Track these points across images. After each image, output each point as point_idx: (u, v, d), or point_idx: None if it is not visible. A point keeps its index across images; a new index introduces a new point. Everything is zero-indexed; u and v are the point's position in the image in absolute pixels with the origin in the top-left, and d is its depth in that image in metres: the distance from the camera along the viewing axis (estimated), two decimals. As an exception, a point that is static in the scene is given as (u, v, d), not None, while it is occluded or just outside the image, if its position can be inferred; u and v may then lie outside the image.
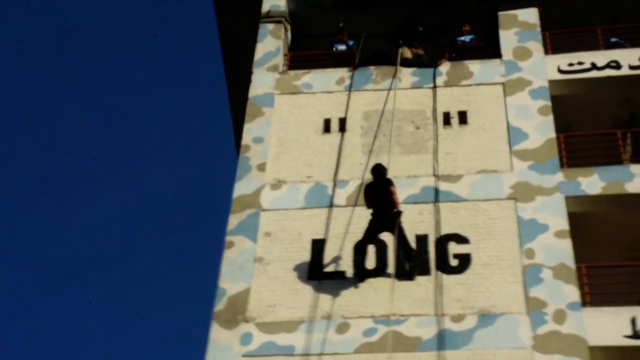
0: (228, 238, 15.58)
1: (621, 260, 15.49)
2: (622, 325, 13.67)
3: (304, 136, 17.12)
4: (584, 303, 14.12)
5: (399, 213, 14.45)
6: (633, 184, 15.41)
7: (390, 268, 14.74)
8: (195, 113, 43.75)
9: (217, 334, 14.27)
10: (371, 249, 14.91)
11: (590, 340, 13.56)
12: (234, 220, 15.81)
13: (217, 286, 14.91)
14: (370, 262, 14.85)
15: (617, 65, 17.45)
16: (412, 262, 14.55)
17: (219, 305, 14.64)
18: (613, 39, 18.03)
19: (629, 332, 13.61)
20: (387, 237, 14.84)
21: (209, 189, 42.60)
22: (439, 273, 14.71)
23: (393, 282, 14.35)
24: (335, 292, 14.69)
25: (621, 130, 16.67)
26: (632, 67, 17.39)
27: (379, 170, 14.85)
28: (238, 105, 18.89)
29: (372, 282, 14.57)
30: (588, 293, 14.31)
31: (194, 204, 42.63)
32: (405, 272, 14.58)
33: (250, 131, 17.18)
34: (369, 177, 16.08)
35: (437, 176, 16.06)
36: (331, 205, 15.91)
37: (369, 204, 14.76)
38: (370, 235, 14.69)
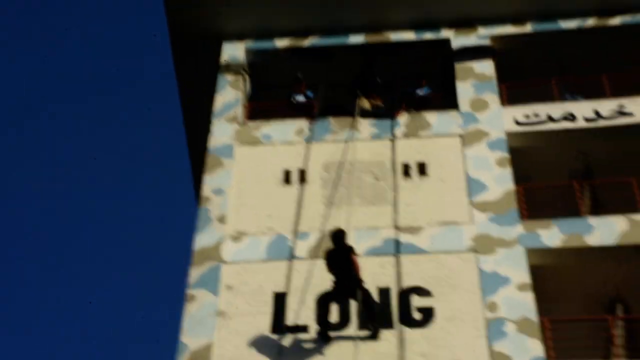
0: (189, 292, 15.37)
1: (583, 314, 15.58)
2: (586, 382, 13.75)
3: (265, 187, 17.04)
4: (548, 357, 14.16)
5: (361, 281, 14.13)
6: (592, 237, 15.57)
7: (353, 325, 14.62)
8: (155, 163, 43.40)
9: (180, 392, 14.05)
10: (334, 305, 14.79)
11: (555, 396, 13.61)
12: (195, 273, 15.62)
13: (178, 342, 14.68)
14: (334, 316, 14.74)
15: (573, 118, 17.70)
16: (375, 323, 14.37)
17: (181, 361, 14.42)
18: (568, 95, 18.28)
19: (593, 389, 13.70)
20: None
21: (169, 241, 42.20)
22: (403, 327, 14.65)
23: (356, 336, 14.21)
24: (298, 346, 14.55)
25: (578, 181, 16.86)
26: (587, 120, 17.65)
27: (338, 237, 14.42)
28: (197, 156, 18.74)
29: (335, 336, 14.45)
30: (552, 347, 14.35)
31: (154, 255, 42.15)
32: (370, 334, 14.37)
33: (210, 182, 17.04)
34: (329, 228, 16.08)
35: (397, 228, 16.05)
36: (293, 258, 15.80)
37: (330, 270, 14.41)
38: (330, 298, 14.42)
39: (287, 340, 14.65)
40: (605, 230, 15.60)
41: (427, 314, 14.84)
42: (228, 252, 15.96)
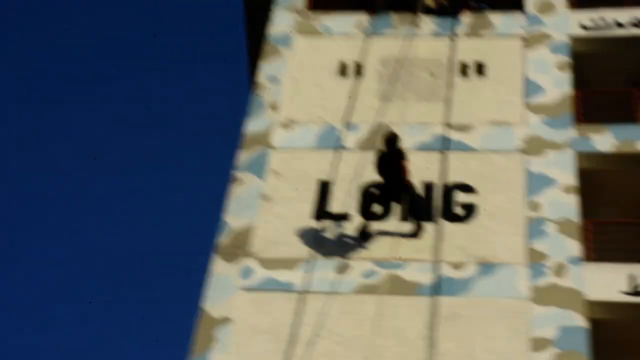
0: (236, 173, 15.67)
1: (626, 219, 15.41)
2: (620, 281, 13.66)
3: (320, 78, 17.11)
4: (585, 258, 14.10)
5: (408, 185, 14.19)
6: (644, 144, 15.32)
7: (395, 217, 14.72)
8: (212, 49, 43.59)
9: (218, 267, 14.41)
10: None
11: (588, 294, 13.57)
12: (242, 157, 15.88)
13: (220, 220, 15.04)
14: (377, 208, 14.85)
15: (640, 24, 17.25)
16: (420, 224, 14.44)
17: (222, 239, 14.77)
18: None
19: (627, 288, 13.60)
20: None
21: (221, 123, 42.58)
22: (444, 221, 14.73)
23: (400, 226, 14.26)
24: (337, 234, 14.76)
25: (637, 88, 16.50)
26: (655, 27, 17.18)
27: (391, 140, 14.33)
28: (255, 44, 18.85)
29: (375, 225, 14.60)
30: (590, 249, 14.28)
31: (204, 139, 42.63)
32: (412, 232, 14.48)
33: (265, 70, 17.19)
34: (381, 121, 16.16)
35: (449, 125, 16.01)
36: (341, 148, 15.93)
37: (379, 173, 14.43)
38: (378, 201, 14.61)
39: (328, 227, 14.88)
40: (658, 137, 15.33)
41: (469, 209, 14.87)
42: (277, 139, 16.16)
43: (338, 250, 14.48)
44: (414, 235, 14.45)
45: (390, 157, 14.29)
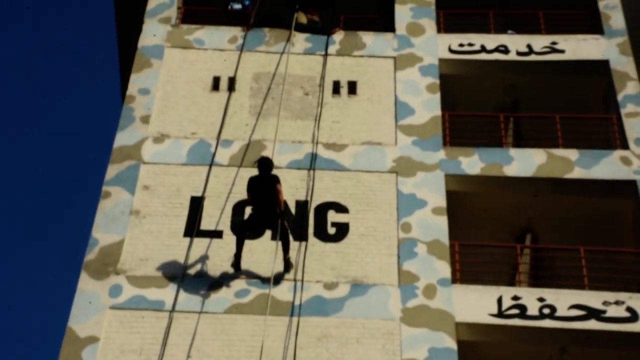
0: (105, 188, 15.28)
1: (494, 241, 15.81)
2: (489, 303, 13.98)
3: (192, 92, 16.89)
4: (455, 280, 14.38)
5: (282, 213, 13.80)
6: (511, 167, 15.73)
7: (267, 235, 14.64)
8: (84, 61, 42.60)
9: (86, 284, 14.01)
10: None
11: (457, 316, 13.82)
12: (112, 171, 15.51)
13: (89, 235, 14.63)
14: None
15: (506, 50, 17.72)
16: (289, 257, 14.12)
17: (90, 255, 14.38)
18: (509, 32, 18.25)
19: (495, 310, 13.93)
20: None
21: (90, 138, 41.59)
22: (316, 240, 14.75)
23: (277, 244, 14.09)
24: (210, 251, 14.58)
25: (504, 113, 16.98)
26: (519, 53, 17.67)
27: (265, 164, 13.99)
28: (127, 55, 18.45)
29: (248, 244, 14.45)
30: (459, 270, 14.58)
31: (74, 153, 41.57)
32: (283, 268, 14.12)
33: (136, 82, 16.84)
34: (254, 138, 16.08)
35: (321, 144, 16.06)
36: (213, 164, 15.74)
37: (250, 197, 14.07)
38: (247, 227, 14.06)
39: (199, 244, 14.67)
40: (524, 162, 15.78)
41: (342, 229, 14.94)
42: (148, 153, 15.84)
43: (209, 269, 14.30)
44: (286, 270, 14.12)
45: (264, 181, 13.91)
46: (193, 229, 14.81)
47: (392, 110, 16.68)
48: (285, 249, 14.01)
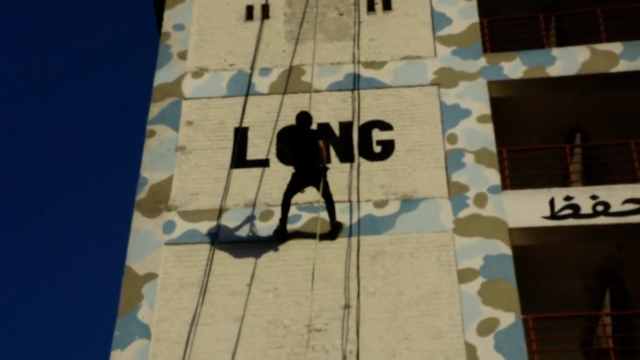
0: (149, 127, 15.36)
1: (543, 144, 15.60)
2: (541, 206, 13.85)
3: (226, 23, 16.80)
4: (505, 186, 14.26)
5: (326, 169, 13.45)
6: (554, 68, 15.45)
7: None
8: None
9: (139, 223, 14.17)
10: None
11: (510, 222, 13.73)
12: (155, 109, 15.57)
13: (138, 175, 14.76)
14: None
15: (545, -51, 17.28)
16: (335, 222, 13.68)
17: (141, 194, 14.51)
18: None
19: (548, 213, 13.81)
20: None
21: (130, 77, 41.73)
22: (362, 159, 14.70)
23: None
24: (258, 180, 14.63)
25: (544, 13, 16.61)
26: (558, -49, 17.22)
27: (304, 120, 13.56)
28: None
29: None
30: (509, 177, 14.44)
31: (115, 92, 41.74)
32: (328, 232, 13.76)
33: (170, 18, 16.81)
34: (293, 64, 15.99)
35: (360, 63, 15.92)
36: (254, 94, 15.72)
37: (290, 151, 13.72)
38: (293, 189, 13.56)
39: (247, 174, 14.72)
40: (567, 60, 15.49)
41: (387, 146, 14.87)
42: (188, 88, 15.86)
43: (259, 198, 14.36)
44: (332, 236, 13.71)
45: (304, 137, 13.55)
46: (239, 159, 14.86)
47: (429, 22, 16.44)
48: (331, 213, 13.62)
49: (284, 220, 13.63)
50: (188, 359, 12.68)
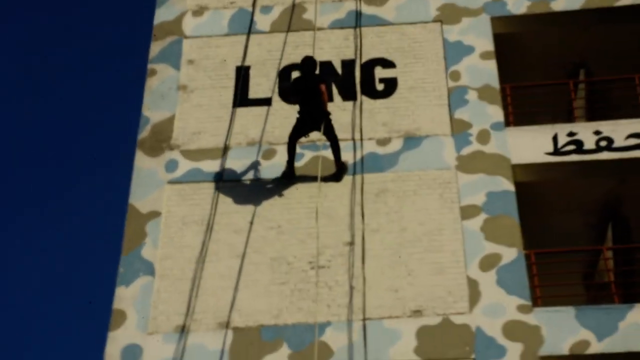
0: (150, 66, 15.27)
1: (545, 80, 15.51)
2: (544, 142, 13.81)
3: (227, -39, 16.64)
4: (508, 123, 14.21)
5: (328, 114, 13.34)
6: (558, 2, 15.31)
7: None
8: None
9: (142, 162, 14.16)
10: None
11: (513, 158, 13.71)
12: (155, 48, 15.47)
13: (140, 114, 14.73)
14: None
15: None
16: (340, 164, 13.69)
17: (143, 133, 14.48)
18: None
19: (551, 149, 13.77)
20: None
21: (128, 17, 41.34)
22: (365, 97, 14.64)
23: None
24: (261, 119, 14.59)
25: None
26: None
27: (309, 65, 13.47)
28: None
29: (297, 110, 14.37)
30: (512, 113, 14.38)
31: (113, 34, 41.38)
32: (333, 174, 13.73)
33: (170, -43, 16.63)
34: (296, 1, 15.83)
35: (361, 0, 15.78)
36: (255, 32, 15.61)
37: (296, 99, 13.68)
38: (298, 133, 13.52)
39: (249, 113, 14.68)
40: (571, -5, 15.36)
41: (390, 84, 14.79)
42: (189, 26, 15.74)
43: (262, 137, 14.34)
44: (337, 178, 13.68)
45: (308, 81, 13.43)
46: (241, 98, 14.80)
47: (432, -43, 16.24)
48: (336, 155, 13.57)
49: (291, 162, 13.60)
50: (192, 295, 12.77)
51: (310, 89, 13.35)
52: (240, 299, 12.67)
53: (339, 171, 13.68)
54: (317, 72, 13.75)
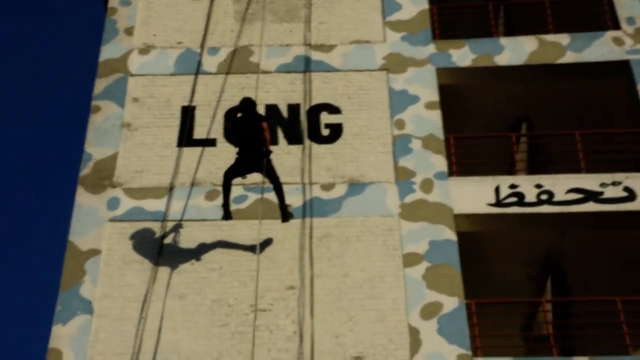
0: (94, 102, 15.14)
1: (488, 132, 15.73)
2: (486, 193, 13.97)
3: (174, 1, 16.63)
4: (451, 173, 14.34)
5: (269, 152, 13.03)
6: (502, 57, 15.58)
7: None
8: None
9: (83, 199, 13.98)
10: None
11: (455, 208, 13.82)
12: (100, 85, 15.36)
13: (82, 151, 14.55)
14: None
15: (493, -62, 17.37)
16: (284, 206, 13.30)
17: (85, 170, 14.31)
18: None
19: (493, 200, 13.93)
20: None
21: (75, 52, 41.00)
22: (310, 142, 14.67)
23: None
24: (204, 159, 14.52)
25: (493, 2, 16.75)
26: (505, -60, 17.33)
27: (247, 106, 13.28)
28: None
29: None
30: (455, 163, 14.53)
31: (57, 70, 40.99)
32: (281, 215, 13.38)
33: (117, -7, 16.58)
34: (241, 44, 15.89)
35: (309, 45, 15.88)
36: (201, 73, 15.58)
37: (236, 139, 13.44)
38: (234, 172, 13.22)
39: (193, 153, 14.60)
40: (515, 50, 15.63)
41: (336, 130, 14.86)
42: (135, 64, 15.66)
43: (205, 177, 14.26)
44: (283, 218, 13.32)
45: (249, 122, 13.16)
46: (186, 138, 14.72)
47: (379, 6, 16.46)
48: (280, 196, 13.30)
49: (226, 203, 13.33)
50: (130, 335, 12.54)
51: (252, 128, 13.21)
52: (180, 340, 12.50)
53: (283, 213, 13.50)
54: (259, 113, 13.66)
